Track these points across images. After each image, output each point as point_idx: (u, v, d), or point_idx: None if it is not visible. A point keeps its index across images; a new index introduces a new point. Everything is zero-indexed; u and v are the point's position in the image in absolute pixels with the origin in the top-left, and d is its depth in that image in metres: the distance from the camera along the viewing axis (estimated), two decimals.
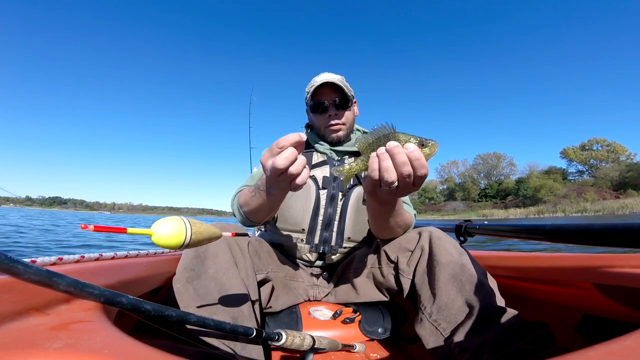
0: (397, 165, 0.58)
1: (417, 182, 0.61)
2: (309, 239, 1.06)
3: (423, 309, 0.77)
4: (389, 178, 0.58)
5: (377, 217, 0.86)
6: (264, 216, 0.89)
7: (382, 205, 0.78)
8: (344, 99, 1.08)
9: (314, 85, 1.08)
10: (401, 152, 0.57)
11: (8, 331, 0.36)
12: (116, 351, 0.32)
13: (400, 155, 0.57)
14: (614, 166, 52.13)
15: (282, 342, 0.60)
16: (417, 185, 0.62)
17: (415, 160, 0.57)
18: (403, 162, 0.57)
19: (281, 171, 0.60)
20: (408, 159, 0.57)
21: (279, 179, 0.62)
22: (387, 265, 0.94)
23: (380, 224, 0.88)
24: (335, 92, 1.08)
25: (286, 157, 0.58)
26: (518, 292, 0.98)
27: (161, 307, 0.40)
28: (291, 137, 0.59)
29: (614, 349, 0.31)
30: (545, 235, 0.79)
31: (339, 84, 1.05)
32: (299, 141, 0.59)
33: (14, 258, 0.30)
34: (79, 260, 0.74)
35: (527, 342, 0.61)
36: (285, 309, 0.99)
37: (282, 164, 0.58)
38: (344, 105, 1.10)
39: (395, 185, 0.60)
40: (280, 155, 0.58)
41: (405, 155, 0.57)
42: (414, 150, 0.57)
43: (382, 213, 0.82)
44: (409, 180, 0.59)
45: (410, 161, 0.57)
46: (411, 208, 1.06)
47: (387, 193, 0.63)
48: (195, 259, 0.75)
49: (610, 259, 0.73)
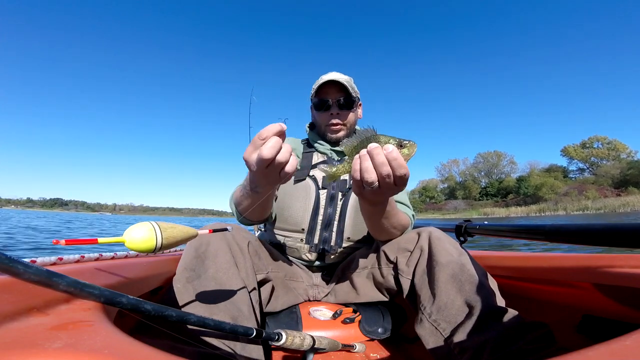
0: (377, 165, 0.60)
1: (398, 182, 0.62)
2: (309, 238, 1.05)
3: (423, 309, 0.77)
4: (369, 178, 0.60)
5: (370, 218, 0.86)
6: (257, 215, 0.89)
7: (373, 207, 0.78)
8: (348, 99, 1.08)
9: (320, 82, 1.08)
10: (380, 153, 0.59)
11: (8, 331, 0.35)
12: (116, 351, 0.32)
13: (379, 156, 0.59)
14: (615, 164, 52.03)
15: (282, 342, 0.60)
16: (399, 185, 0.63)
17: (393, 161, 0.59)
18: (382, 162, 0.59)
19: (268, 161, 0.59)
20: (386, 159, 0.59)
21: (267, 172, 0.61)
22: (386, 266, 0.94)
23: (375, 225, 0.88)
24: (340, 92, 1.08)
25: (272, 146, 0.57)
26: (518, 292, 0.98)
27: (161, 307, 0.40)
28: (272, 127, 0.59)
29: (614, 349, 0.31)
30: (545, 235, 0.79)
31: (344, 84, 1.05)
32: (281, 130, 0.59)
33: (14, 258, 0.30)
34: (79, 260, 0.74)
35: (527, 342, 0.61)
36: (285, 309, 0.99)
37: (268, 154, 0.57)
38: (348, 106, 1.10)
39: (376, 185, 0.61)
40: (265, 145, 0.58)
41: (384, 156, 0.59)
42: (392, 151, 0.59)
43: (374, 214, 0.82)
44: (389, 180, 0.61)
45: (388, 161, 0.59)
46: (409, 209, 1.06)
47: (371, 193, 0.65)
48: (196, 259, 0.75)
49: (610, 259, 0.73)
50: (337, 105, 1.09)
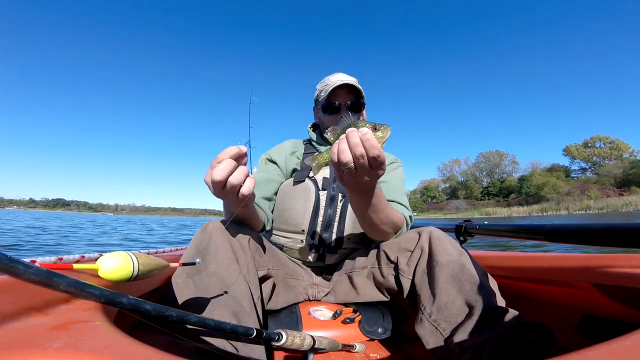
0: (351, 147, 0.62)
1: (373, 164, 0.64)
2: (309, 239, 1.05)
3: (423, 309, 0.77)
4: (344, 159, 0.63)
5: (357, 211, 0.86)
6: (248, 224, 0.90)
7: (358, 196, 0.78)
8: (357, 102, 1.08)
9: (329, 84, 1.08)
10: (355, 135, 0.62)
11: (8, 331, 0.35)
12: (116, 351, 0.32)
13: (354, 137, 0.62)
14: (617, 163, 51.91)
15: (282, 342, 0.60)
16: (374, 167, 0.65)
17: (366, 142, 0.62)
18: (355, 143, 0.62)
19: (221, 184, 0.61)
20: (360, 140, 0.62)
21: (224, 193, 0.64)
22: (387, 266, 0.94)
23: (364, 220, 0.87)
24: (350, 94, 1.08)
25: (223, 168, 0.60)
26: (518, 292, 0.98)
27: (161, 308, 0.40)
28: (229, 150, 0.62)
29: (614, 349, 0.31)
30: (545, 235, 0.79)
31: (357, 87, 1.05)
32: (238, 153, 0.62)
33: (14, 258, 0.30)
34: (78, 261, 0.74)
35: (527, 342, 0.61)
36: (285, 309, 0.99)
37: (219, 176, 0.60)
38: (356, 109, 1.09)
39: (352, 166, 0.64)
40: (218, 167, 0.60)
41: (358, 138, 0.62)
42: (367, 133, 0.62)
43: (360, 206, 0.82)
44: (363, 160, 0.63)
45: (362, 142, 0.62)
46: (406, 210, 1.04)
47: (349, 176, 0.67)
48: (196, 254, 0.75)
49: (610, 259, 0.73)
50: (346, 108, 1.08)
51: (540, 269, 0.87)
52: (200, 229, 0.81)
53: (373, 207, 0.81)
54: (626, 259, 0.71)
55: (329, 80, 1.10)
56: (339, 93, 1.08)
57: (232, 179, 0.61)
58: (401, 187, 1.10)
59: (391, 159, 1.22)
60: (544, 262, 0.87)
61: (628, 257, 0.71)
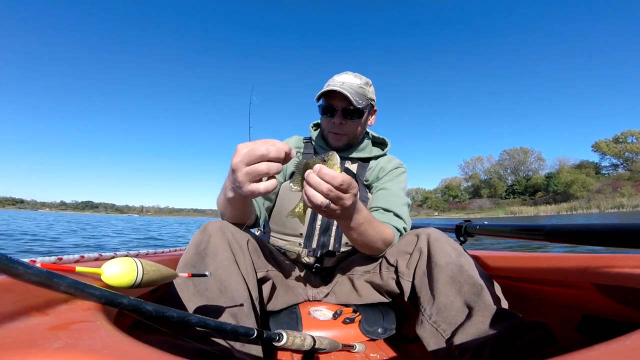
0: (316, 187, 0.61)
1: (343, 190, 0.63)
2: (307, 243, 1.05)
3: (423, 310, 0.77)
4: (317, 201, 0.62)
5: (346, 232, 0.84)
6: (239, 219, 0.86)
7: (345, 221, 0.76)
8: (354, 108, 1.03)
9: (327, 87, 1.04)
10: (313, 177, 0.61)
11: (8, 331, 0.35)
12: (116, 351, 0.32)
13: (313, 178, 0.61)
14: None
15: (282, 342, 0.60)
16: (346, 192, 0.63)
17: (325, 176, 0.61)
18: (317, 182, 0.61)
19: (260, 158, 0.59)
20: (319, 178, 0.61)
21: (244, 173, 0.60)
22: (387, 269, 0.93)
23: (353, 240, 0.86)
24: (344, 100, 1.03)
25: (273, 148, 0.59)
26: (518, 292, 0.98)
27: (162, 308, 0.40)
28: (286, 144, 0.62)
29: (614, 349, 0.31)
30: (545, 235, 0.79)
31: (347, 95, 0.98)
32: (289, 153, 0.61)
33: (14, 259, 0.30)
34: (78, 261, 0.74)
35: (527, 342, 0.61)
36: (285, 309, 0.99)
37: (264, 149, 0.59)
38: (352, 116, 1.04)
39: (327, 202, 0.63)
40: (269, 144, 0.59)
41: (317, 177, 0.61)
42: (321, 168, 0.61)
43: (349, 228, 0.80)
44: (333, 193, 0.62)
45: (322, 178, 0.61)
46: (401, 220, 1.00)
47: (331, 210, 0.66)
48: (196, 255, 0.75)
49: (610, 259, 0.73)
50: (341, 114, 1.04)
51: (540, 269, 0.87)
52: (200, 229, 0.81)
53: (361, 226, 0.80)
54: (626, 259, 0.71)
55: (331, 80, 1.07)
56: (334, 97, 1.03)
57: (269, 164, 0.60)
58: (401, 196, 1.07)
59: (395, 163, 1.17)
60: (544, 262, 0.87)
61: (628, 257, 0.71)
